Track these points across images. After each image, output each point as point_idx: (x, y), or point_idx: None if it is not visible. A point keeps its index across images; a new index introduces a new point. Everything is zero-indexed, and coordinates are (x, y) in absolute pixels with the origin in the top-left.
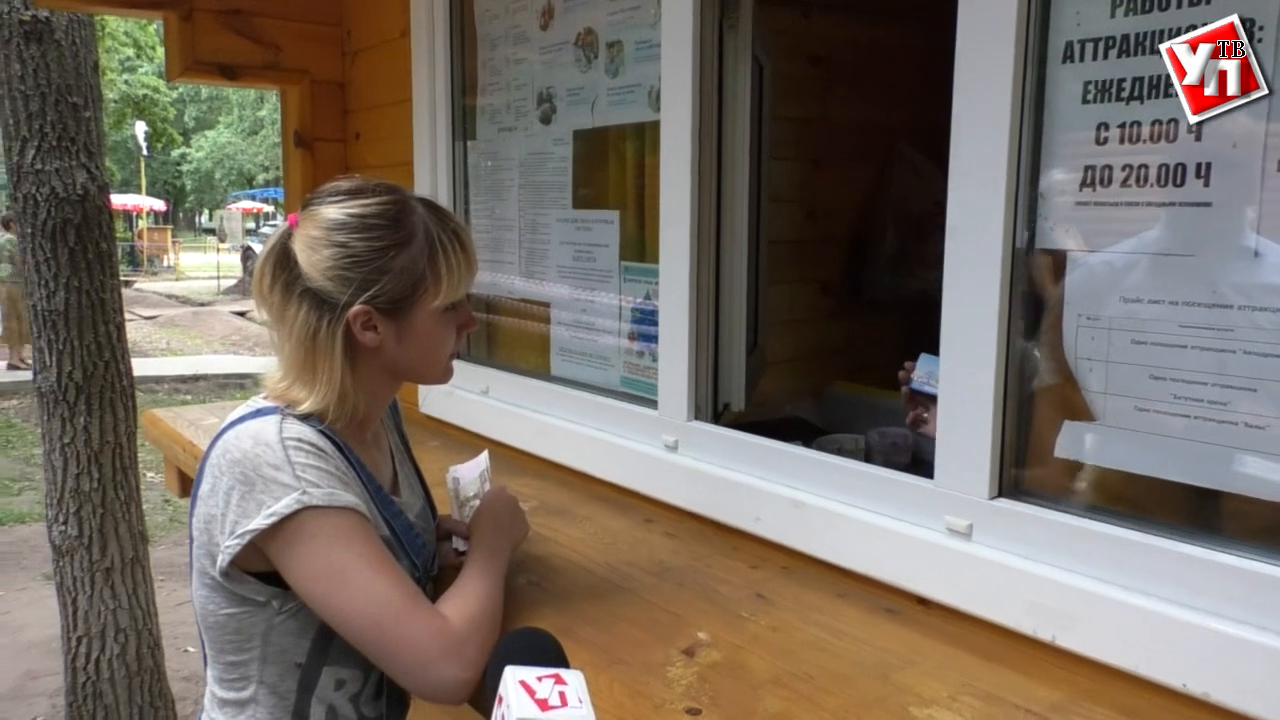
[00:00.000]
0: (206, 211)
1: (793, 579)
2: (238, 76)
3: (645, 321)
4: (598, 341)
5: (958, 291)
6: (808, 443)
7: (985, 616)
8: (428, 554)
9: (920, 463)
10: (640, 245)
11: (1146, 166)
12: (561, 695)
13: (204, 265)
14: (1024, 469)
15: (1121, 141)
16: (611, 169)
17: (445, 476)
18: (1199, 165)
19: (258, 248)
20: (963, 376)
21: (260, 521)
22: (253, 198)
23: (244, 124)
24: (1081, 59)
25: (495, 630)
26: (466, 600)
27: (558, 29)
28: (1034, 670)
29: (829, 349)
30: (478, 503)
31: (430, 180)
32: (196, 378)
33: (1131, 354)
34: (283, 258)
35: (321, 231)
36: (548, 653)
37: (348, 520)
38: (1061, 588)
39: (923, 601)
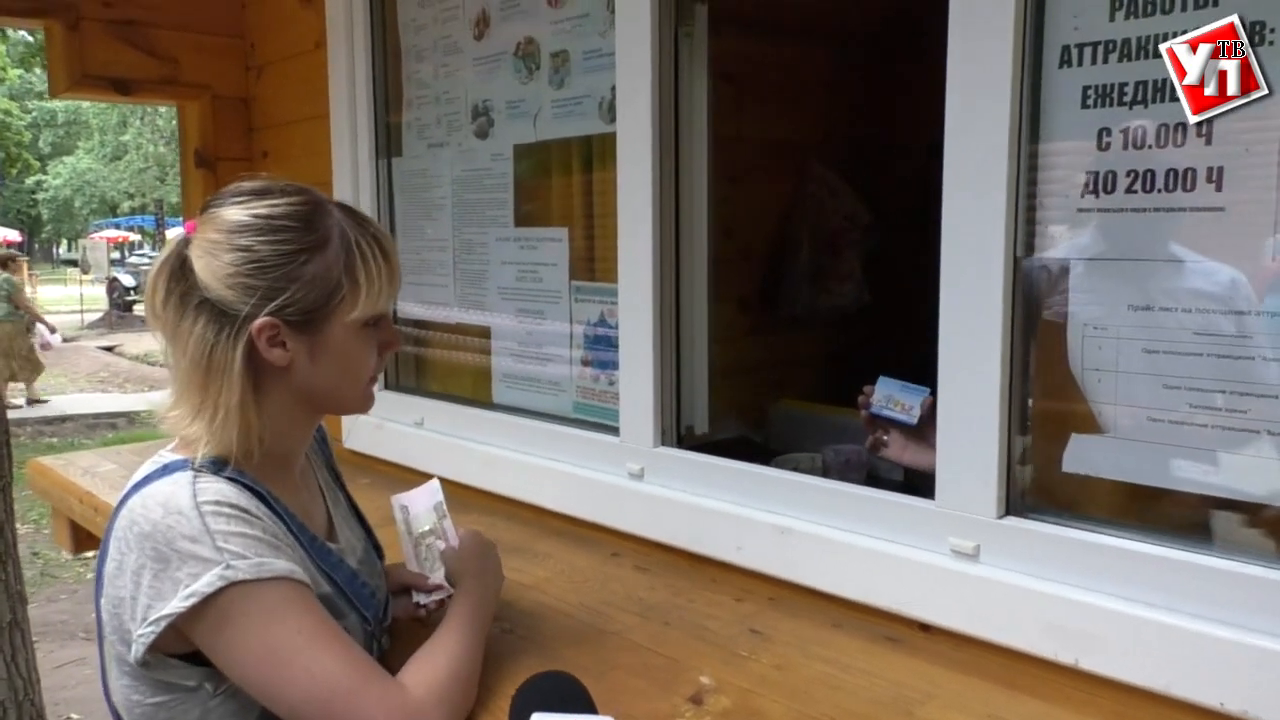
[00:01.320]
0: (65, 241)
1: (783, 610)
2: (131, 91)
3: (601, 343)
4: (546, 366)
5: (957, 304)
6: (756, 462)
7: (997, 641)
8: (377, 603)
9: (877, 479)
10: (591, 263)
11: (1153, 171)
12: None
13: (65, 298)
14: (1031, 486)
15: (1125, 147)
16: (557, 184)
17: (391, 508)
18: (1210, 170)
19: (124, 279)
20: (965, 393)
21: (178, 604)
22: (117, 226)
23: (105, 149)
24: (1080, 63)
25: (467, 697)
26: (434, 664)
27: (494, 39)
28: (1056, 696)
29: (749, 366)
30: (435, 540)
31: (353, 200)
32: (63, 419)
33: (1142, 363)
34: (178, 268)
35: (222, 235)
36: (575, 698)
37: (281, 592)
38: (1081, 607)
39: (925, 628)
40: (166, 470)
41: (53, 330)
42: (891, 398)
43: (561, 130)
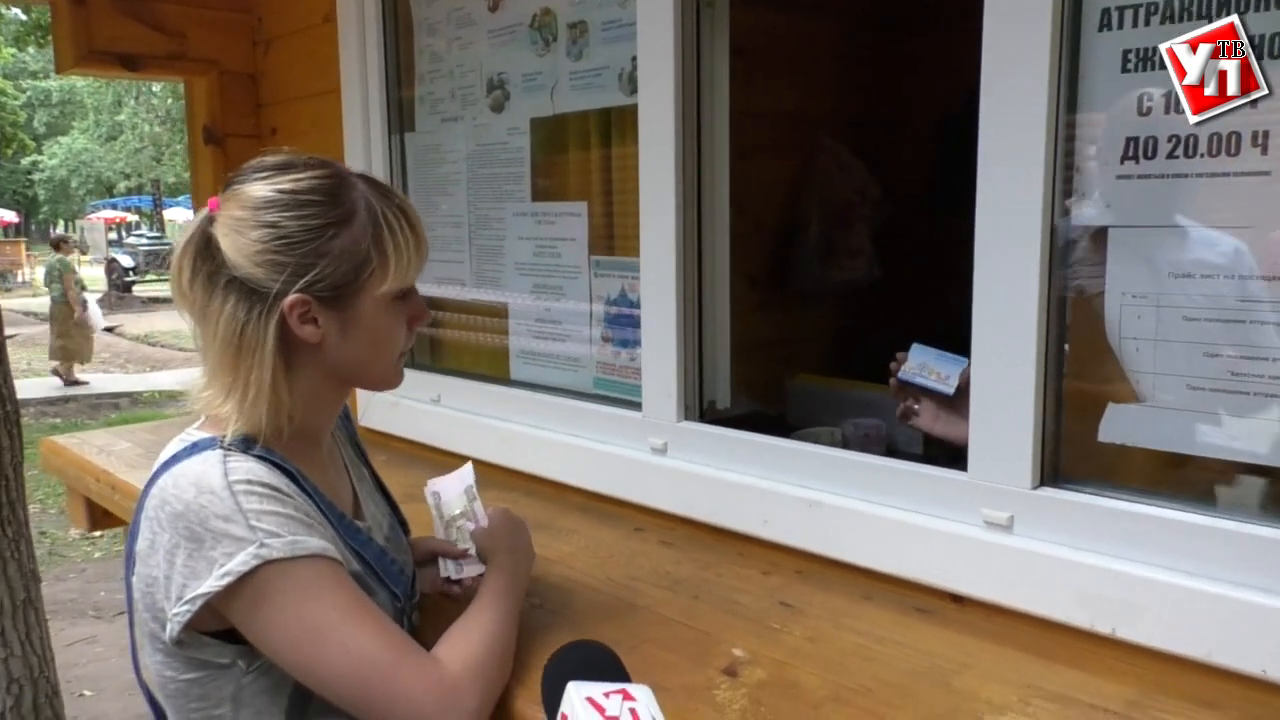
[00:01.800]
0: (62, 222)
1: (812, 583)
2: (138, 67)
3: (621, 319)
4: (565, 342)
5: (993, 274)
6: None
7: (1032, 611)
8: (406, 579)
9: (896, 453)
10: (610, 238)
11: (1195, 136)
12: (633, 712)
13: None
14: (1065, 456)
15: (1167, 111)
16: (576, 158)
17: (424, 492)
18: (1256, 134)
19: (123, 259)
20: (1000, 363)
21: (214, 583)
22: (114, 206)
23: (101, 129)
24: (1120, 26)
25: (503, 672)
26: (468, 640)
27: (509, 10)
28: (1094, 665)
29: (760, 341)
30: (466, 522)
31: None
32: (66, 399)
33: (1183, 331)
34: (203, 246)
35: (247, 211)
36: (608, 666)
37: (316, 569)
38: (1119, 577)
39: (957, 599)
40: (195, 449)
41: (84, 307)
42: (926, 365)
43: (580, 103)
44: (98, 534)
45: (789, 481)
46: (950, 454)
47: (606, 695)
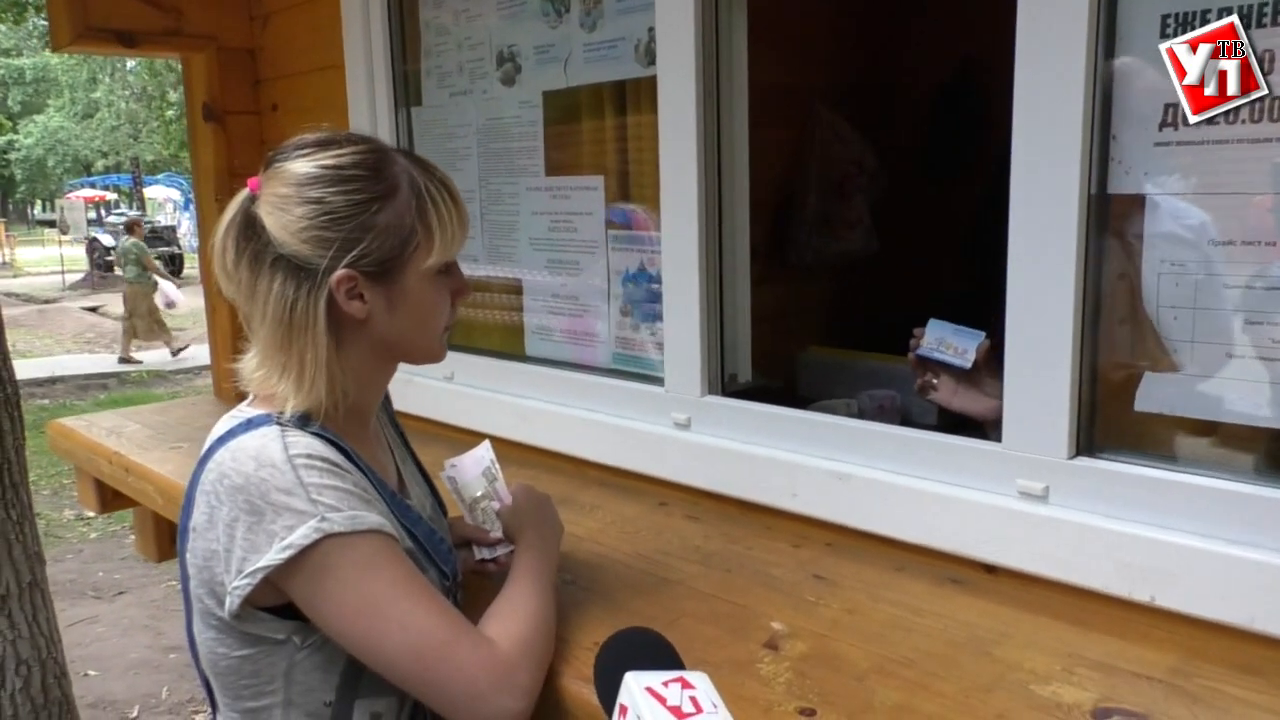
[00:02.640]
0: (40, 202)
1: (843, 555)
2: (136, 44)
3: (641, 293)
4: (583, 317)
5: (1028, 243)
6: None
7: (1067, 580)
8: (454, 559)
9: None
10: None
11: None
12: (693, 700)
13: (45, 259)
14: (1102, 426)
15: None
16: (590, 131)
17: (441, 472)
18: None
19: (105, 239)
20: (1035, 333)
21: (274, 556)
22: (92, 185)
23: (77, 107)
24: None
25: (549, 651)
26: (515, 618)
27: None
28: (1132, 633)
29: (760, 314)
30: (490, 503)
31: None
32: (53, 380)
33: (1222, 299)
34: (246, 226)
35: (291, 189)
36: (663, 653)
37: (375, 544)
38: (1157, 545)
39: (990, 569)
40: (251, 425)
41: (170, 295)
42: (944, 341)
43: (594, 75)
44: (91, 514)
45: (817, 454)
46: (967, 425)
47: (665, 685)
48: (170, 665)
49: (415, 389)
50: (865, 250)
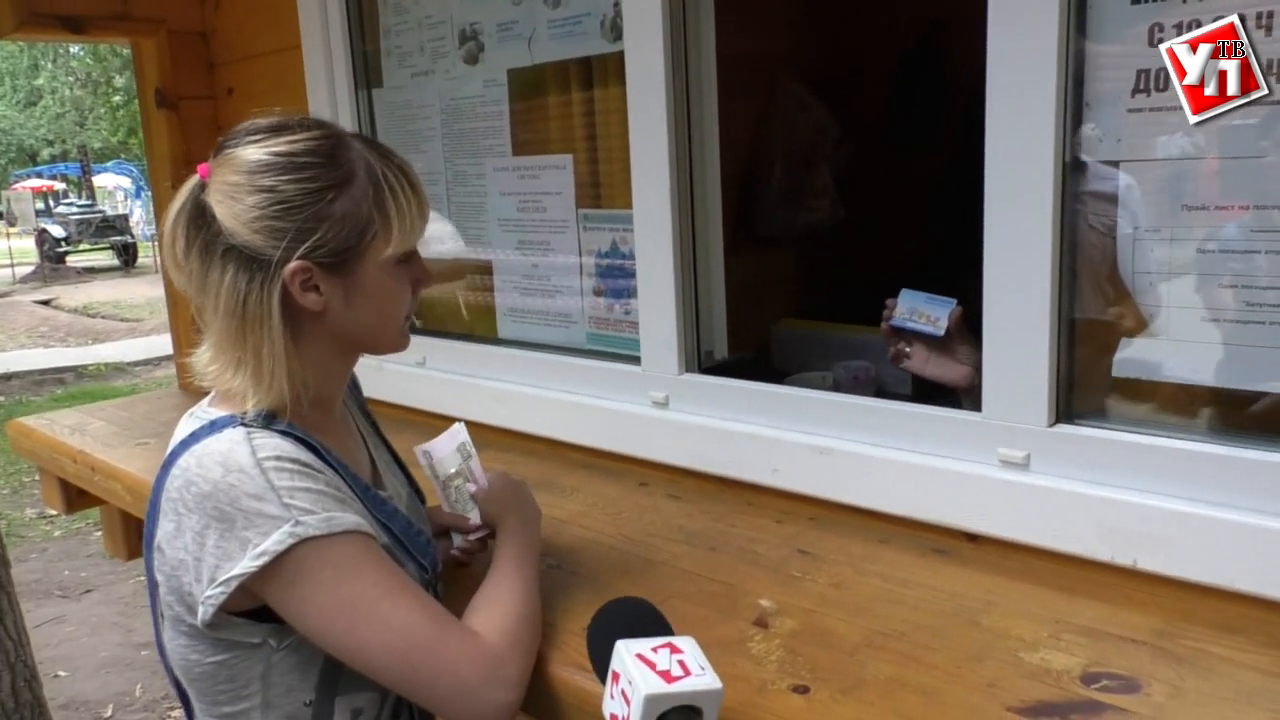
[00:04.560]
0: None
1: (826, 529)
2: (83, 29)
3: (614, 272)
4: (555, 298)
5: (1004, 211)
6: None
7: (1050, 547)
8: (432, 551)
9: (885, 394)
10: (597, 190)
11: None
12: (682, 664)
13: None
14: (1081, 393)
15: None
16: (557, 109)
17: (415, 454)
18: (1271, 61)
19: (54, 230)
20: (1013, 302)
21: (248, 564)
22: (39, 175)
23: (19, 95)
24: None
25: (536, 639)
26: (500, 608)
27: None
28: (1116, 597)
29: (728, 288)
30: (464, 483)
31: None
32: (7, 377)
33: (1197, 264)
34: (196, 215)
35: (242, 176)
36: (651, 621)
37: (352, 546)
38: (1139, 509)
39: (973, 538)
40: (214, 427)
41: None
42: (916, 310)
43: (560, 52)
44: (54, 513)
45: (797, 429)
46: (941, 392)
47: (655, 650)
48: (142, 662)
49: (386, 375)
50: (832, 220)
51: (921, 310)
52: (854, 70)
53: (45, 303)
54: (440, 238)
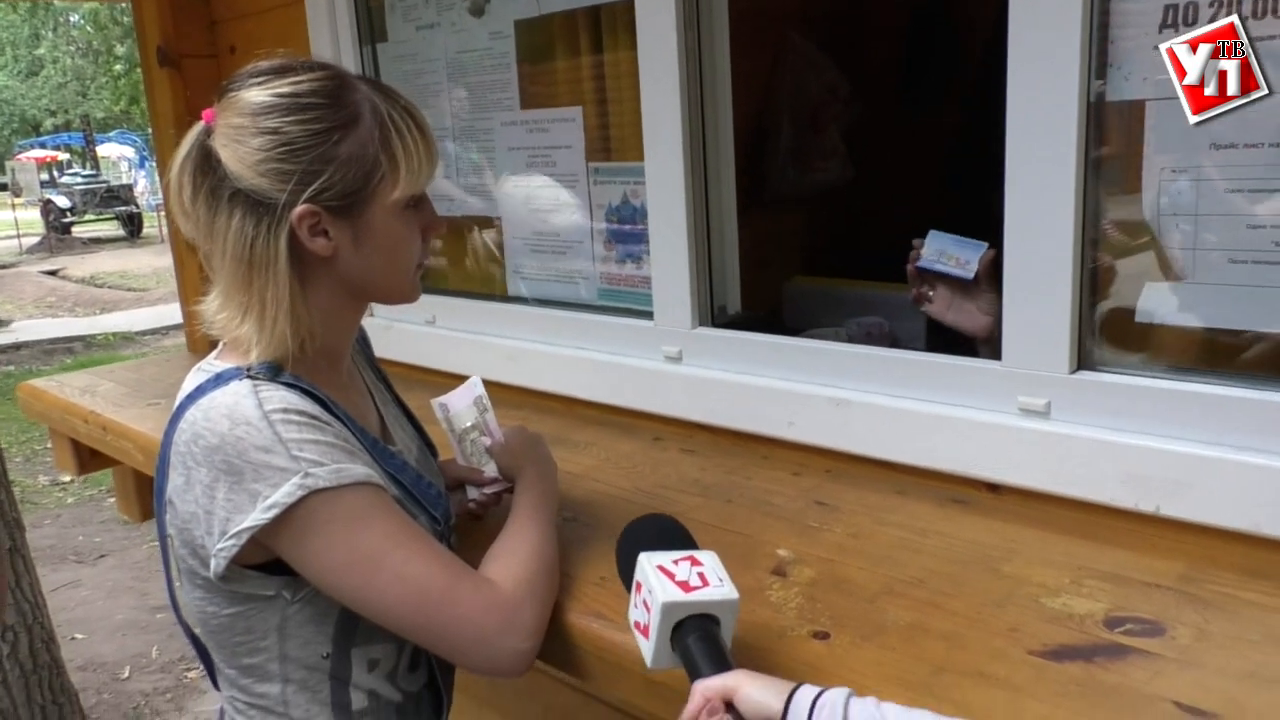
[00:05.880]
0: None
1: (843, 481)
2: None
3: (625, 226)
4: (565, 254)
5: (1026, 150)
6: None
7: (1071, 495)
8: (444, 503)
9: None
10: (607, 143)
11: None
12: (701, 576)
13: None
14: (1102, 339)
15: None
16: (566, 61)
17: (432, 409)
18: None
19: (59, 200)
20: (1035, 246)
21: (259, 516)
22: (43, 145)
23: (20, 65)
24: None
25: (553, 589)
26: (517, 558)
27: None
28: (1139, 544)
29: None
30: (480, 436)
31: None
32: (16, 346)
33: (1225, 204)
34: (202, 160)
35: (246, 119)
36: (676, 536)
37: (363, 497)
38: (1162, 455)
39: (993, 488)
40: (220, 380)
41: None
42: (944, 252)
43: (569, 2)
44: (67, 479)
45: (814, 381)
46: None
47: (676, 562)
48: (158, 625)
49: (396, 334)
50: (841, 179)
51: (950, 253)
52: (865, 26)
53: (52, 273)
54: (448, 194)
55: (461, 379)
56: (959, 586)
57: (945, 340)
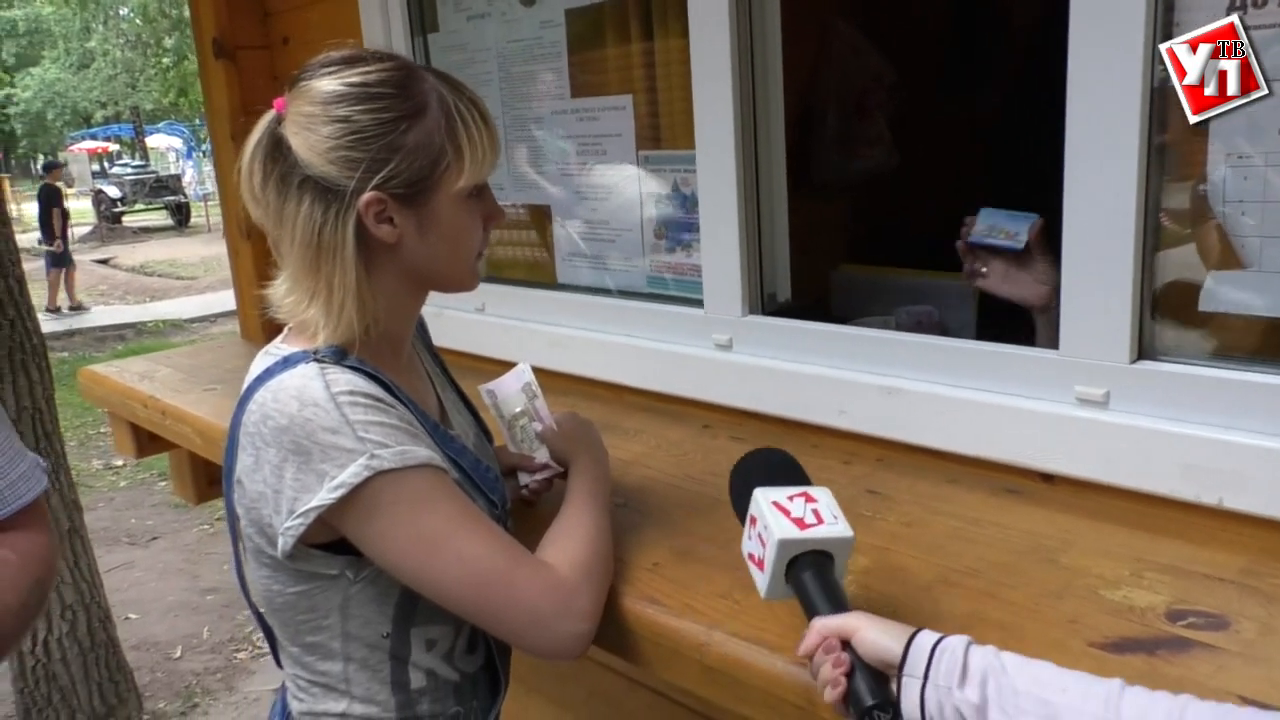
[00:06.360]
0: (42, 156)
1: (894, 470)
2: None
3: (677, 214)
4: (615, 241)
5: (1087, 140)
6: None
7: (1129, 486)
8: (502, 487)
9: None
10: (657, 131)
11: None
12: (815, 513)
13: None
14: (1163, 328)
15: None
16: (616, 49)
17: (480, 395)
18: None
19: (110, 190)
20: (1095, 233)
21: (326, 496)
22: (94, 137)
23: (72, 58)
24: None
25: (608, 574)
26: (573, 542)
27: None
28: (1199, 537)
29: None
30: (529, 422)
31: None
32: (70, 333)
33: None
34: (273, 148)
35: (317, 107)
36: (789, 471)
37: (426, 479)
38: (1226, 447)
39: (1047, 478)
40: (288, 363)
41: None
42: (995, 227)
43: None
44: (120, 463)
45: (865, 370)
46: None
47: (790, 499)
48: (209, 606)
49: (446, 321)
50: (887, 166)
51: (1001, 226)
52: (908, 13)
53: (104, 262)
54: (498, 182)
55: (510, 365)
56: (1015, 577)
57: (995, 330)
